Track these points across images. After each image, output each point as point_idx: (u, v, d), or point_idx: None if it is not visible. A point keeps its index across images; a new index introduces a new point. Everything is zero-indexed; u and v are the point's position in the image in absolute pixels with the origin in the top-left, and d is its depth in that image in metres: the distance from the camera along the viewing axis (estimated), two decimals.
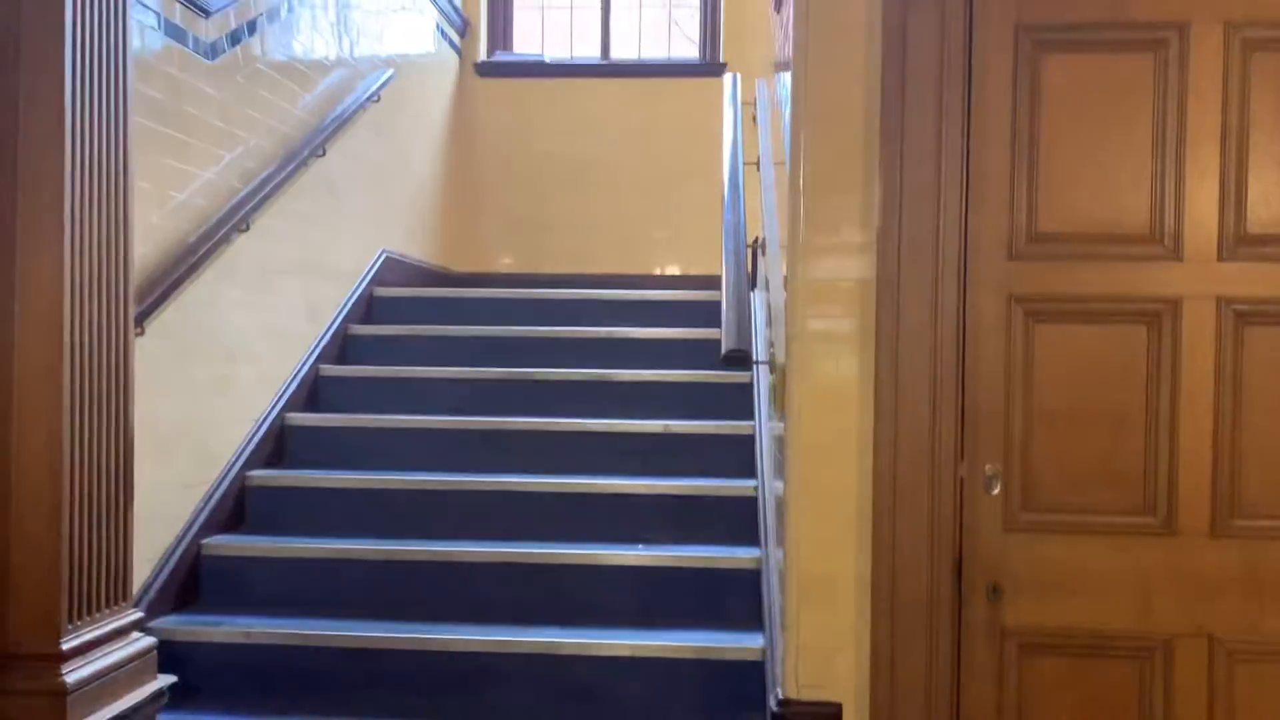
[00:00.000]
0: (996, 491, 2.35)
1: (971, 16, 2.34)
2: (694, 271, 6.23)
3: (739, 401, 3.91)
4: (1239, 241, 2.32)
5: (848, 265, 2.38)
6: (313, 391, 4.30)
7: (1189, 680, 2.34)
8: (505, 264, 6.72)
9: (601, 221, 6.58)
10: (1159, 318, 2.33)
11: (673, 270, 6.60)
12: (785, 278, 2.48)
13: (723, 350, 2.59)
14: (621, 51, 6.96)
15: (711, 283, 3.66)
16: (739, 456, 3.70)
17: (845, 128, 2.37)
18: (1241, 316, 2.32)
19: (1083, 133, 2.35)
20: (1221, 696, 2.33)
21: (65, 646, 2.43)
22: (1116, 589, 2.34)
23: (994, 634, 2.36)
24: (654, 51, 6.96)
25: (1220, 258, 2.32)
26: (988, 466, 2.35)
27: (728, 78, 4.49)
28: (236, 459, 3.71)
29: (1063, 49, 2.35)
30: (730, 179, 3.51)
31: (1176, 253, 2.33)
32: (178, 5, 3.25)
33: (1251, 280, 2.31)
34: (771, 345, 2.84)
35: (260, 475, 3.74)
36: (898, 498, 2.35)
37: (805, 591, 2.40)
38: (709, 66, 6.59)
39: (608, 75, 6.78)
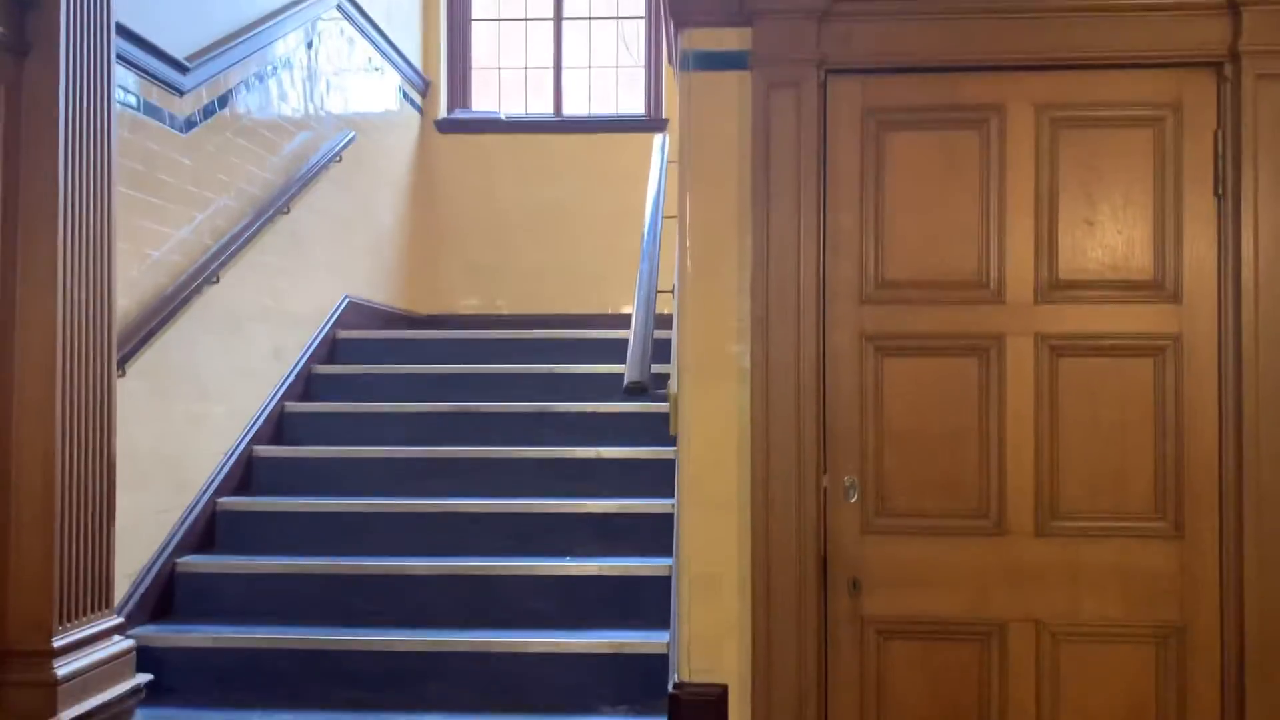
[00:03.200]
0: (854, 499, 2.74)
1: (825, 101, 2.76)
2: None
3: (664, 430, 4.29)
4: (1052, 287, 2.72)
5: (727, 306, 2.75)
6: (278, 426, 4.66)
7: (1020, 658, 2.71)
8: (466, 305, 7.08)
9: (555, 265, 6.98)
10: (987, 352, 2.73)
11: (624, 309, 6.98)
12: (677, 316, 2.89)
13: (625, 382, 2.99)
14: (573, 108, 7.39)
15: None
16: (661, 478, 4.04)
17: (723, 189, 2.75)
18: (1055, 350, 2.71)
19: (921, 197, 2.75)
20: (1048, 671, 2.70)
21: (56, 644, 2.79)
22: (957, 582, 2.71)
23: (855, 621, 2.72)
24: (603, 107, 7.38)
25: (1036, 301, 2.72)
26: (846, 478, 2.74)
27: (657, 138, 4.93)
28: (208, 487, 4.07)
29: (903, 127, 2.75)
30: (649, 231, 3.93)
31: (1000, 297, 2.72)
32: (154, 87, 3.67)
33: (1063, 319, 2.71)
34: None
35: (229, 501, 4.10)
36: (770, 506, 2.71)
37: (696, 589, 2.76)
38: (652, 122, 7.04)
39: (560, 130, 7.20)
